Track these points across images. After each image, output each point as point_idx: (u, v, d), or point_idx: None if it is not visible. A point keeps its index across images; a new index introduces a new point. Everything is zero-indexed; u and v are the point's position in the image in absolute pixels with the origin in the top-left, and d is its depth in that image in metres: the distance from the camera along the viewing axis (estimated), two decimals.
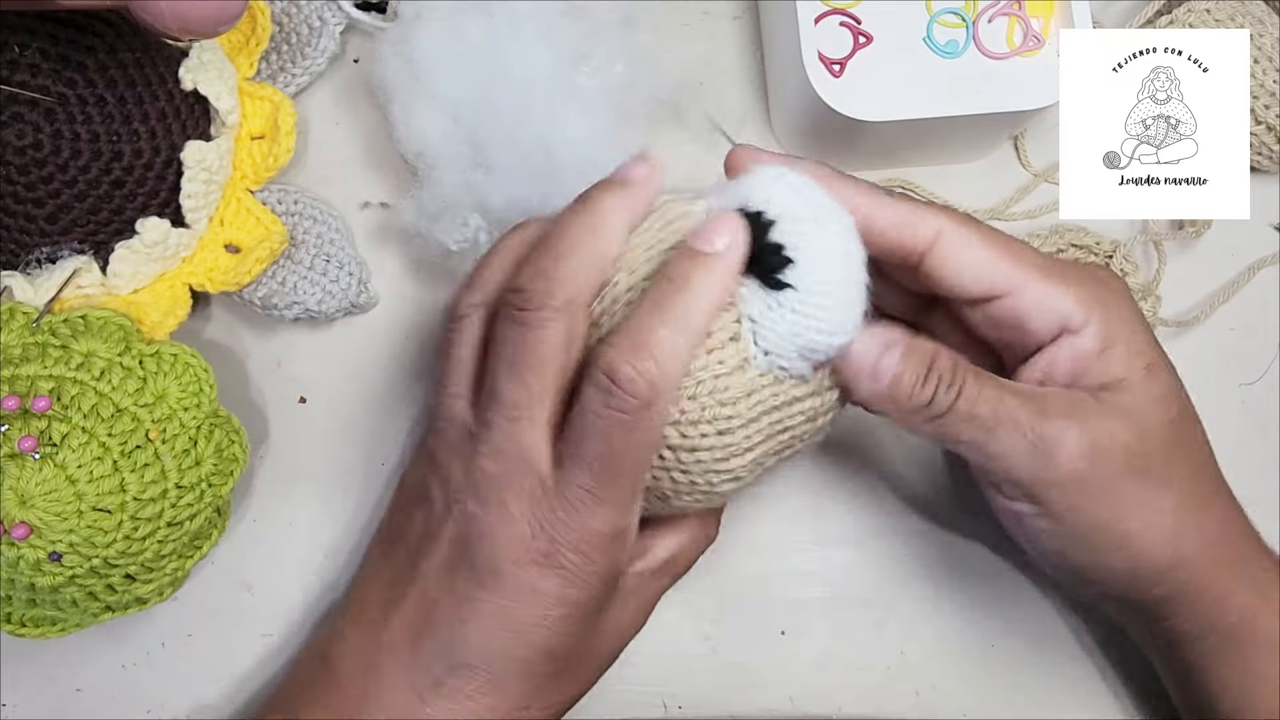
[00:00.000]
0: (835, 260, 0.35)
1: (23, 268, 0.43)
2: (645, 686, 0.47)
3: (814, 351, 0.35)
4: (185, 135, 0.44)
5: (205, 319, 0.48)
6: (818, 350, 0.35)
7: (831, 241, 0.35)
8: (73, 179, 0.41)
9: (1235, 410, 0.50)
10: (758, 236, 0.35)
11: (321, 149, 0.49)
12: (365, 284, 0.46)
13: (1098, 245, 0.49)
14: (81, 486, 0.39)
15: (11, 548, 0.38)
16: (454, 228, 0.44)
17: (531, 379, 0.34)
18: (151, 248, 0.43)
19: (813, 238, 0.35)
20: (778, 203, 0.35)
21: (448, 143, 0.44)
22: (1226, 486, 0.40)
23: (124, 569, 0.40)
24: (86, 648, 0.46)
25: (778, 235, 0.34)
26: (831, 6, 0.45)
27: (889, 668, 0.47)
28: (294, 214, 0.46)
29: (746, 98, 0.51)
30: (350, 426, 0.48)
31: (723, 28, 0.52)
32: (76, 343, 0.41)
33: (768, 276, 0.34)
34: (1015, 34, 0.46)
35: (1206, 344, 0.51)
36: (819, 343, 0.34)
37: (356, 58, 0.50)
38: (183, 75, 0.43)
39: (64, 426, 0.39)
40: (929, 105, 0.45)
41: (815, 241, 0.35)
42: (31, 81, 0.40)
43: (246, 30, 0.46)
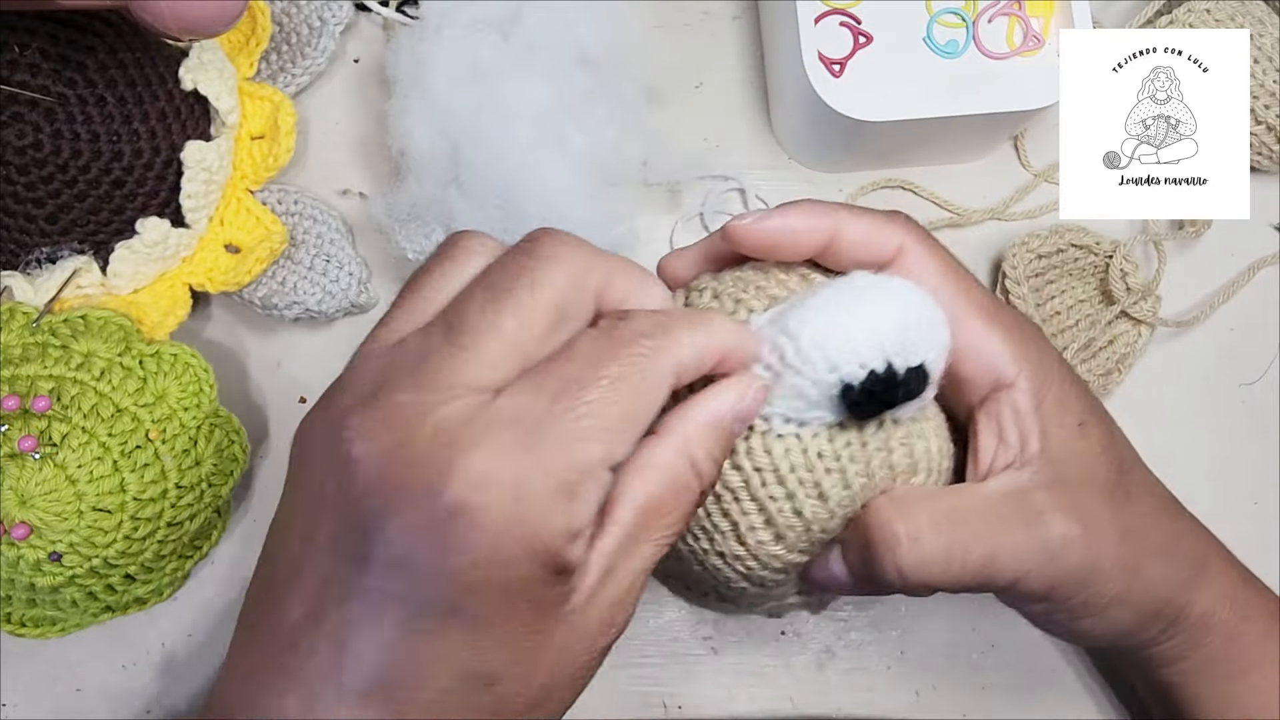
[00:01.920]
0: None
1: (23, 268, 0.43)
2: (645, 686, 0.47)
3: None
4: (185, 135, 0.44)
5: (205, 319, 0.48)
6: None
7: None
8: (73, 179, 0.41)
9: (1235, 410, 0.50)
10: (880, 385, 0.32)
11: (321, 149, 0.49)
12: (365, 284, 0.46)
13: (1098, 245, 0.49)
14: (81, 486, 0.39)
15: (11, 548, 0.38)
16: (417, 236, 0.45)
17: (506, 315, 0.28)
18: (151, 248, 0.43)
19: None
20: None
21: (431, 152, 0.44)
22: (1186, 515, 0.39)
23: (124, 569, 0.40)
24: (86, 648, 0.46)
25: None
26: (831, 6, 0.45)
27: (889, 668, 0.47)
28: (294, 214, 0.46)
29: (746, 98, 0.52)
30: None
31: (723, 28, 0.52)
32: (76, 343, 0.41)
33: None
34: (1015, 34, 0.46)
35: (1206, 344, 0.51)
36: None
37: (357, 58, 0.50)
38: (183, 75, 0.43)
39: (64, 426, 0.39)
40: (929, 105, 0.45)
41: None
42: (31, 81, 0.40)
43: (246, 30, 0.46)
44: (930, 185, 0.51)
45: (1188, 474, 0.40)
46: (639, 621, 0.47)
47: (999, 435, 0.35)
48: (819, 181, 0.51)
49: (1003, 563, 0.33)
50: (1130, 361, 0.49)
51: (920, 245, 0.35)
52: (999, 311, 0.35)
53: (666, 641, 0.47)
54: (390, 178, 0.47)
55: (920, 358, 0.32)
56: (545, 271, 0.29)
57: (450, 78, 0.44)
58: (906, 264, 0.35)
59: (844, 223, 0.34)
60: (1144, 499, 0.37)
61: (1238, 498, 0.49)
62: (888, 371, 0.31)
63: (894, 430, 0.34)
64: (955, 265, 0.36)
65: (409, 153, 0.45)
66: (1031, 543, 0.33)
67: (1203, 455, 0.50)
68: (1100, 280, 0.49)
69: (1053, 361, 0.36)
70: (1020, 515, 0.34)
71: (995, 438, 0.35)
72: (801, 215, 0.34)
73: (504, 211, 0.44)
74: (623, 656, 0.47)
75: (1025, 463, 0.34)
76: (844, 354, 0.31)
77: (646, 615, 0.47)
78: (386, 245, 0.46)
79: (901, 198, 0.51)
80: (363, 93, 0.50)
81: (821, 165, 0.51)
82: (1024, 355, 0.35)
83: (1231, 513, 0.42)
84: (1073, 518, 0.34)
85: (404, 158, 0.45)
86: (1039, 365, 0.35)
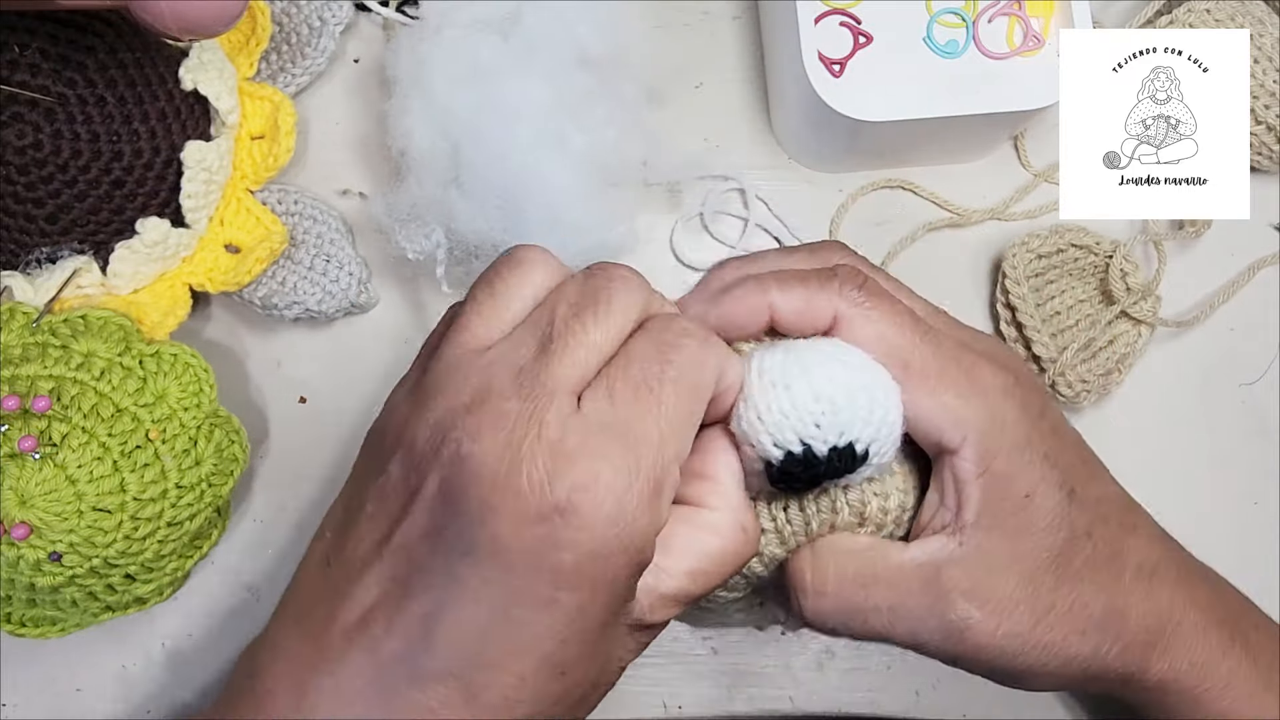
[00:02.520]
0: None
1: (23, 268, 0.43)
2: (645, 686, 0.47)
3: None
4: (185, 135, 0.44)
5: (205, 319, 0.48)
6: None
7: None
8: (73, 179, 0.41)
9: (1235, 410, 0.50)
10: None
11: (321, 149, 0.49)
12: (365, 284, 0.46)
13: (1098, 245, 0.49)
14: (81, 486, 0.39)
15: (11, 548, 0.38)
16: (417, 236, 0.44)
17: (594, 325, 0.30)
18: (151, 248, 0.43)
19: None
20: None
21: (431, 152, 0.44)
22: (1161, 569, 0.37)
23: (124, 569, 0.40)
24: (86, 648, 0.46)
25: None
26: (831, 6, 0.45)
27: (889, 668, 0.47)
28: (294, 214, 0.46)
29: (746, 98, 0.52)
30: (350, 426, 0.48)
31: (723, 28, 0.52)
32: (76, 343, 0.41)
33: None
34: (1015, 34, 0.46)
35: (1206, 344, 0.51)
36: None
37: (357, 58, 0.50)
38: (183, 75, 0.43)
39: (64, 426, 0.39)
40: (929, 105, 0.45)
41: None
42: (31, 81, 0.40)
43: (246, 30, 0.46)
44: (930, 185, 0.51)
45: (1188, 474, 0.40)
46: None
47: (941, 497, 0.35)
48: (819, 181, 0.51)
49: (901, 629, 0.34)
50: (1130, 361, 0.49)
51: (855, 309, 0.34)
52: (953, 366, 0.34)
53: (666, 641, 0.47)
54: (390, 178, 0.47)
55: (849, 436, 0.31)
56: (618, 292, 0.31)
57: (450, 78, 0.44)
58: (843, 333, 0.34)
59: (776, 298, 0.34)
60: (1092, 571, 0.35)
61: (1238, 498, 0.49)
62: (806, 453, 0.31)
63: (842, 494, 0.34)
64: (898, 323, 0.34)
65: (409, 153, 0.45)
66: (931, 620, 0.34)
67: (1203, 455, 0.50)
68: (1100, 280, 0.49)
69: (1012, 422, 0.34)
70: (926, 590, 0.34)
71: (939, 497, 0.35)
72: (735, 302, 0.34)
73: (504, 211, 0.44)
74: None
75: (957, 530, 0.34)
76: (759, 435, 0.32)
77: None
78: (386, 245, 0.46)
79: (901, 198, 0.51)
80: (363, 93, 0.50)
81: (821, 165, 0.51)
82: (974, 419, 0.33)
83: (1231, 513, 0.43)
84: (976, 602, 0.34)
85: (404, 158, 0.45)
86: (990, 429, 0.34)
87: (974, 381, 0.34)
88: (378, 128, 0.48)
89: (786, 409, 0.31)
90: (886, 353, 0.34)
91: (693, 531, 0.32)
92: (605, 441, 0.28)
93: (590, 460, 0.28)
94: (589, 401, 0.29)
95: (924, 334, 0.34)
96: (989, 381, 0.34)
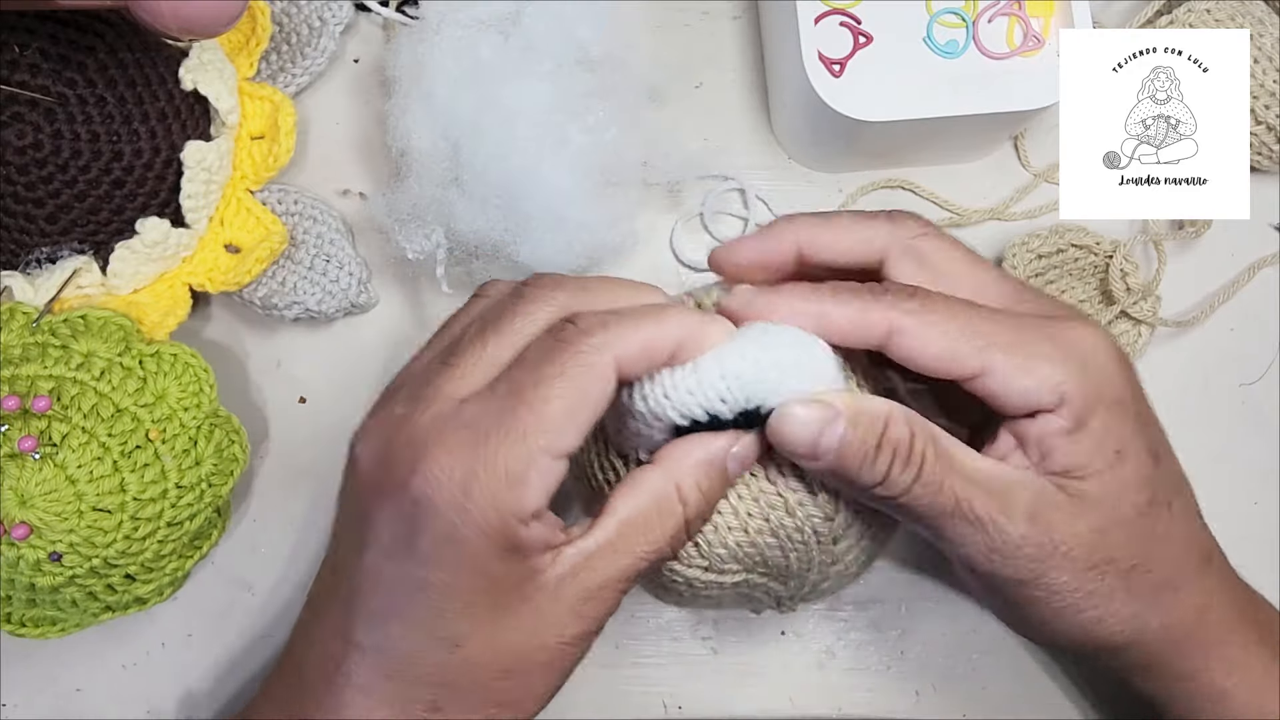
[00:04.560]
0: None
1: (23, 268, 0.43)
2: (645, 686, 0.47)
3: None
4: (185, 135, 0.44)
5: (205, 319, 0.48)
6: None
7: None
8: (73, 179, 0.41)
9: (1235, 410, 0.50)
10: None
11: (321, 149, 0.49)
12: (365, 284, 0.46)
13: (1098, 245, 0.49)
14: (81, 486, 0.39)
15: (11, 548, 0.38)
16: (417, 236, 0.44)
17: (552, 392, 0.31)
18: (151, 248, 0.43)
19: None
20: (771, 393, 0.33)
21: (432, 152, 0.44)
22: (1215, 559, 0.38)
23: (124, 569, 0.40)
24: (86, 648, 0.46)
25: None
26: (831, 6, 0.45)
27: (889, 668, 0.47)
28: (294, 214, 0.46)
29: (746, 98, 0.52)
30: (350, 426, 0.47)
31: (723, 28, 0.52)
32: (76, 343, 0.41)
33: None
34: (1015, 34, 0.46)
35: (1206, 344, 0.51)
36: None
37: (357, 58, 0.50)
38: (183, 75, 0.43)
39: (64, 426, 0.39)
40: (929, 105, 0.45)
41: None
42: (31, 81, 0.40)
43: (246, 30, 0.46)
44: (930, 185, 0.51)
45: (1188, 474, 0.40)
46: (639, 621, 0.47)
47: (1021, 447, 0.34)
48: (819, 181, 0.51)
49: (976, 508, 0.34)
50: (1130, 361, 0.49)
51: (910, 318, 0.34)
52: (1034, 339, 0.34)
53: (666, 641, 0.47)
54: (390, 178, 0.47)
55: (755, 403, 0.33)
56: (524, 308, 0.33)
57: (450, 78, 0.44)
58: (897, 342, 0.34)
59: (829, 309, 0.34)
60: (1162, 543, 0.36)
61: (1238, 498, 0.49)
62: (712, 420, 0.33)
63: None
64: (965, 314, 0.34)
65: (409, 153, 0.45)
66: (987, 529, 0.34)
67: (1203, 455, 0.49)
68: (1100, 280, 0.50)
69: (1105, 383, 0.34)
70: (994, 498, 0.34)
71: (1015, 443, 0.35)
72: (784, 307, 0.34)
73: (504, 211, 0.44)
74: (623, 656, 0.47)
75: (1044, 472, 0.34)
76: (666, 410, 0.33)
77: (646, 615, 0.47)
78: (386, 245, 0.46)
79: (901, 198, 0.51)
80: (363, 93, 0.50)
81: (821, 165, 0.51)
82: (1068, 379, 0.33)
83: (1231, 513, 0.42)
84: (1039, 528, 0.34)
85: (404, 158, 0.45)
86: (1087, 387, 0.34)
87: (1065, 345, 0.34)
88: (378, 128, 0.48)
89: (693, 387, 0.33)
90: (962, 338, 0.33)
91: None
92: (460, 437, 0.31)
93: (441, 454, 0.31)
94: (468, 403, 0.32)
95: (994, 321, 0.34)
96: (1083, 343, 0.34)
